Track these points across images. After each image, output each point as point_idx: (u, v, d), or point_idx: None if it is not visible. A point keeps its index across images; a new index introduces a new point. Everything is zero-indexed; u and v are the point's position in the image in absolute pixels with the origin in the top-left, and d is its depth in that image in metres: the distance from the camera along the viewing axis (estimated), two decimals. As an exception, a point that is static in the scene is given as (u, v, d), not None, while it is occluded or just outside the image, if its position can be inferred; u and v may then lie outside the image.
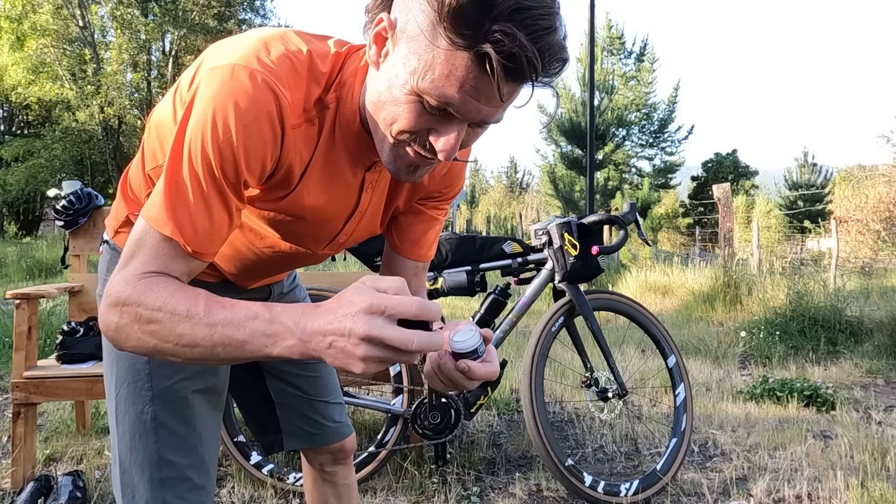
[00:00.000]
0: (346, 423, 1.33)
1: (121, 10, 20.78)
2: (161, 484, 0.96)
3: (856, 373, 4.15)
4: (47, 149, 19.95)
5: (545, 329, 2.31)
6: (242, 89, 0.76)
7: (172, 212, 0.77)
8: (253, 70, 0.77)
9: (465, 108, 0.74)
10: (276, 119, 0.79)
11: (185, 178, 0.77)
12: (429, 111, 0.75)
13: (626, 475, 2.50)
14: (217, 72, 0.78)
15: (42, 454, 2.57)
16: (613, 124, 25.63)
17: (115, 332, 0.76)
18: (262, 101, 0.77)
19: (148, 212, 0.79)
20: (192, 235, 0.78)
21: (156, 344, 0.74)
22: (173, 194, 0.78)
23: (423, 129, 0.77)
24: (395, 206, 1.04)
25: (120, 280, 0.76)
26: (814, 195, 25.94)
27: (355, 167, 0.92)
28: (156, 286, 0.75)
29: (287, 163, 0.85)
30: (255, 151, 0.79)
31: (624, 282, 8.44)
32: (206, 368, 1.04)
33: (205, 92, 0.77)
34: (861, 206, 13.54)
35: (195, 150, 0.77)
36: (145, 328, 0.74)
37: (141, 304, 0.74)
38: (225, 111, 0.76)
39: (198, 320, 0.72)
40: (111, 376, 1.00)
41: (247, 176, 0.80)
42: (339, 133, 0.87)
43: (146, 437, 0.97)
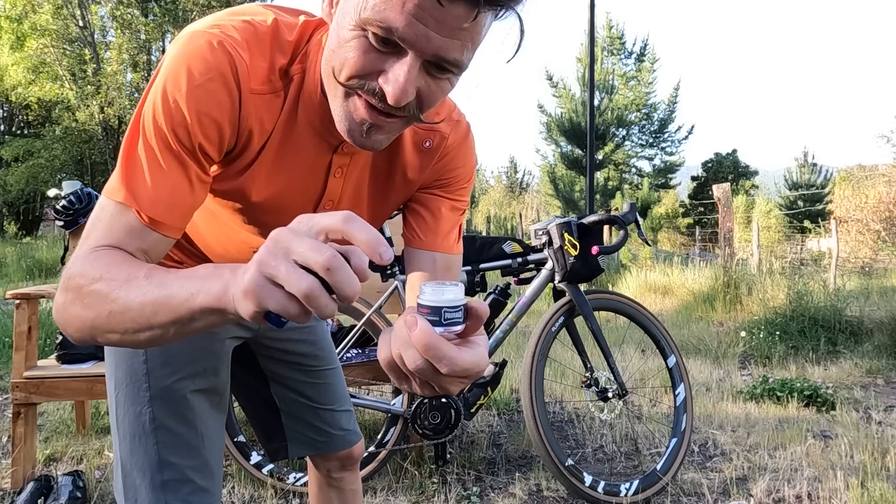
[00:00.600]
0: (353, 431, 1.30)
1: (121, 10, 20.78)
2: (163, 486, 0.94)
3: (856, 373, 4.15)
4: (47, 149, 19.95)
5: (545, 329, 2.31)
6: (196, 52, 0.73)
7: (126, 180, 0.73)
8: (209, 34, 0.74)
9: (412, 35, 0.65)
10: (231, 80, 0.75)
11: (139, 150, 0.74)
12: (375, 47, 0.68)
13: (626, 475, 2.50)
14: (176, 42, 0.75)
15: (42, 454, 2.57)
16: (613, 124, 25.63)
17: (60, 313, 0.70)
18: (215, 63, 0.73)
19: (106, 187, 0.75)
20: (149, 203, 0.73)
21: (93, 318, 0.67)
22: (128, 165, 0.74)
23: (372, 72, 0.69)
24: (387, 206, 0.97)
25: (72, 260, 0.71)
26: (814, 195, 25.95)
27: (319, 147, 0.85)
28: (103, 257, 0.70)
29: (247, 130, 0.80)
30: (208, 113, 0.74)
31: (624, 282, 8.44)
32: (205, 368, 1.02)
33: (163, 63, 0.75)
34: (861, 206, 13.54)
35: (148, 120, 0.74)
36: (84, 301, 0.67)
37: (83, 276, 0.68)
38: (177, 75, 0.73)
39: (135, 283, 0.65)
40: (111, 377, 0.99)
41: (202, 140, 0.75)
42: (303, 107, 0.82)
43: (146, 438, 0.95)
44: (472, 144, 0.99)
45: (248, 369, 1.24)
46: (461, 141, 0.96)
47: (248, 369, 1.24)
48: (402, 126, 0.77)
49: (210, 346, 1.04)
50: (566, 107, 25.67)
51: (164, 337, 0.66)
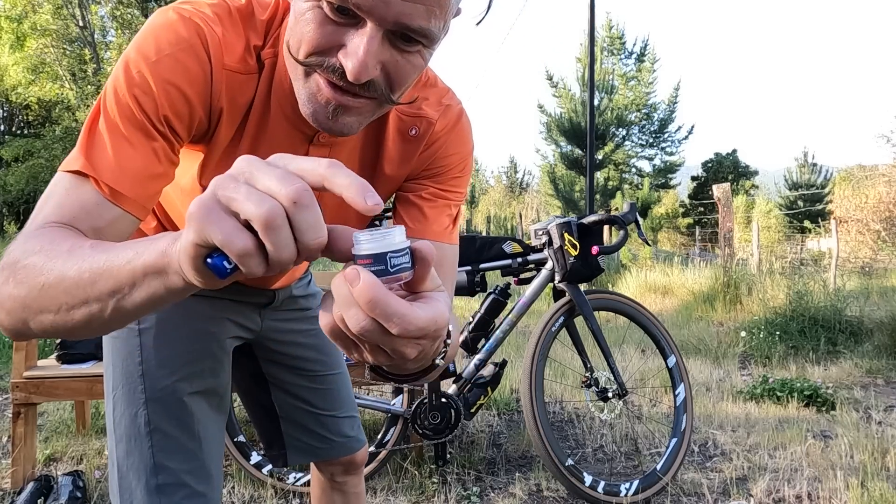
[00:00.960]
0: (356, 437, 1.26)
1: (121, 10, 20.79)
2: (157, 490, 0.93)
3: (856, 373, 4.15)
4: (47, 149, 19.94)
5: (545, 329, 2.31)
6: (164, 24, 0.70)
7: (86, 151, 0.67)
8: (178, 9, 0.71)
9: (368, 0, 0.59)
10: (201, 51, 0.70)
11: (101, 125, 0.68)
12: (332, 18, 0.62)
13: (626, 475, 2.50)
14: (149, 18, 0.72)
15: (42, 454, 2.57)
16: (613, 124, 25.64)
17: None
18: (185, 34, 0.70)
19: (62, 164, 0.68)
20: (109, 172, 0.66)
21: (24, 296, 0.57)
22: (88, 138, 0.68)
23: (332, 46, 0.64)
24: None
25: (14, 240, 0.62)
26: (814, 195, 25.95)
27: (294, 138, 0.80)
28: (47, 232, 0.61)
29: (219, 108, 0.74)
30: (176, 83, 0.69)
31: (624, 282, 8.44)
32: (203, 369, 1.00)
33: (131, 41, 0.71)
34: (861, 206, 13.55)
35: (110, 94, 0.69)
36: (17, 278, 0.57)
37: (19, 249, 0.59)
38: (143, 46, 0.69)
39: (77, 251, 0.56)
40: (107, 378, 0.98)
41: (168, 113, 0.69)
42: (275, 95, 0.77)
43: (141, 441, 0.94)
44: (466, 130, 0.91)
45: (248, 373, 1.22)
46: (451, 127, 0.88)
47: (249, 373, 1.22)
48: (374, 108, 0.69)
49: (208, 347, 1.03)
50: (566, 107, 25.67)
51: (101, 314, 0.55)
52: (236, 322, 1.09)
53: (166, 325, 0.98)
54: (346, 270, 0.46)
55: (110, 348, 0.98)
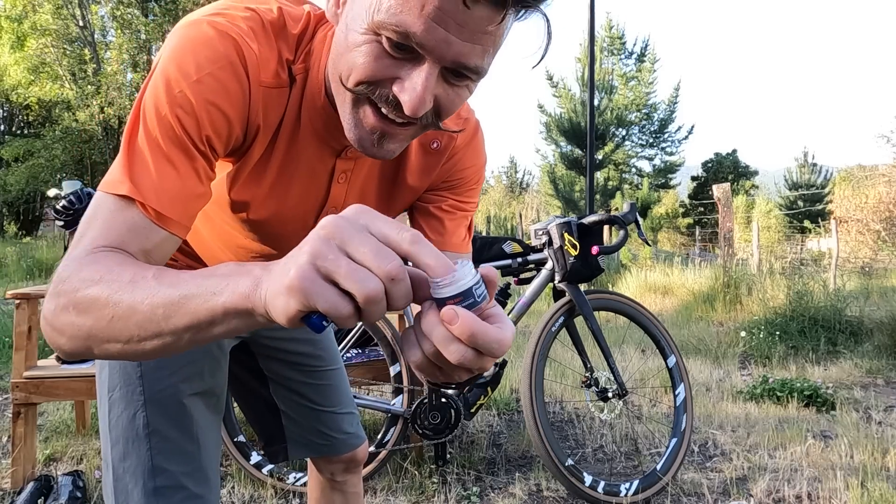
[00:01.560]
0: (356, 434, 1.27)
1: (121, 10, 20.78)
2: (155, 493, 0.92)
3: (856, 373, 4.15)
4: (47, 149, 19.95)
5: (545, 329, 2.31)
6: (201, 39, 0.68)
7: (129, 172, 0.66)
8: (214, 22, 0.70)
9: (432, 40, 0.60)
10: (240, 69, 0.70)
11: (141, 141, 0.68)
12: (390, 53, 0.63)
13: (626, 475, 2.50)
14: (177, 30, 0.70)
15: (42, 454, 2.57)
16: (613, 124, 25.64)
17: (50, 324, 0.61)
18: (223, 50, 0.68)
19: (103, 182, 0.68)
20: (154, 195, 0.66)
21: (90, 326, 0.58)
22: (130, 157, 0.67)
23: (385, 78, 0.65)
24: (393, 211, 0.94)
25: (64, 263, 0.63)
26: (814, 195, 25.95)
27: (323, 152, 0.81)
28: (101, 258, 0.62)
29: (255, 125, 0.75)
30: (217, 103, 0.69)
31: (624, 282, 8.44)
32: (202, 369, 0.99)
33: (163, 52, 0.70)
34: (861, 206, 13.55)
35: (150, 109, 0.68)
36: (79, 307, 0.59)
37: (77, 278, 0.60)
38: (182, 63, 0.67)
39: (142, 285, 0.57)
40: (103, 379, 0.96)
41: (210, 132, 0.70)
42: (306, 110, 0.77)
43: (139, 443, 0.92)
44: (482, 142, 0.94)
45: (247, 369, 1.22)
46: (470, 140, 0.92)
47: (248, 369, 1.22)
48: (416, 133, 0.72)
49: (208, 348, 1.02)
50: (566, 107, 25.67)
51: (175, 345, 0.57)
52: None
53: None
54: (442, 312, 0.51)
55: None
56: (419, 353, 0.54)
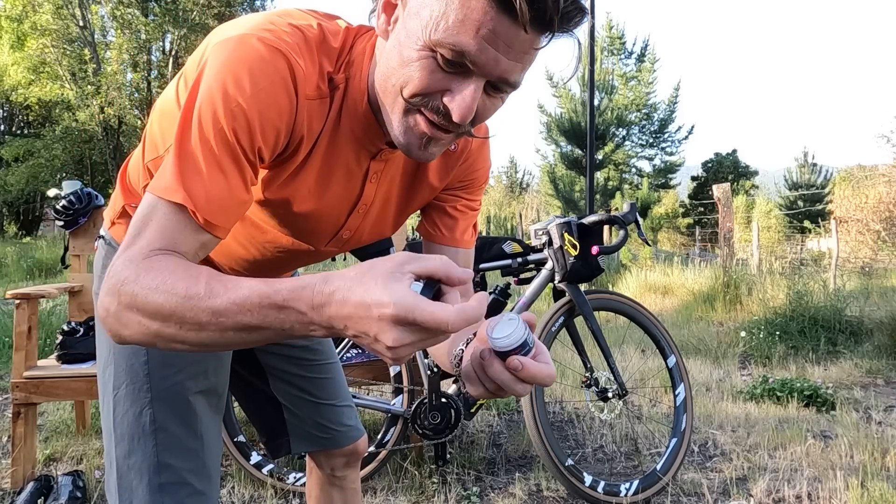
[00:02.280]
0: (355, 427, 1.29)
1: (121, 10, 20.77)
2: (160, 489, 0.93)
3: (856, 373, 4.15)
4: (47, 149, 19.95)
5: (545, 329, 2.31)
6: (255, 55, 0.73)
7: (182, 179, 0.71)
8: (264, 38, 0.74)
9: (483, 58, 0.68)
10: (290, 85, 0.75)
11: (195, 147, 0.72)
12: (443, 68, 0.70)
13: (626, 475, 2.50)
14: (226, 44, 0.75)
15: (42, 454, 2.57)
16: (613, 124, 25.63)
17: (115, 318, 0.69)
18: (277, 66, 0.74)
19: (155, 184, 0.73)
20: (205, 203, 0.72)
21: (158, 329, 0.67)
22: (183, 163, 0.72)
23: (437, 91, 0.72)
24: (411, 208, 1.00)
25: (123, 261, 0.69)
26: (814, 195, 25.95)
27: (359, 154, 0.87)
28: (157, 264, 0.68)
29: (299, 136, 0.80)
30: (270, 118, 0.75)
31: (624, 282, 8.44)
32: (207, 368, 1.01)
33: (214, 63, 0.74)
34: (861, 206, 13.54)
35: (206, 118, 0.72)
36: (144, 310, 0.67)
37: (139, 284, 0.67)
38: (238, 76, 0.72)
39: (199, 303, 0.64)
40: (107, 377, 0.97)
41: (261, 144, 0.75)
42: (346, 115, 0.83)
43: (145, 440, 0.94)
44: (489, 145, 1.02)
45: (246, 365, 1.23)
46: (482, 143, 1.00)
47: (247, 365, 1.23)
48: (455, 138, 0.79)
49: None
50: (566, 107, 25.67)
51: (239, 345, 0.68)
52: None
53: None
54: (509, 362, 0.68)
55: (111, 348, 0.98)
56: (482, 389, 0.72)
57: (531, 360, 0.68)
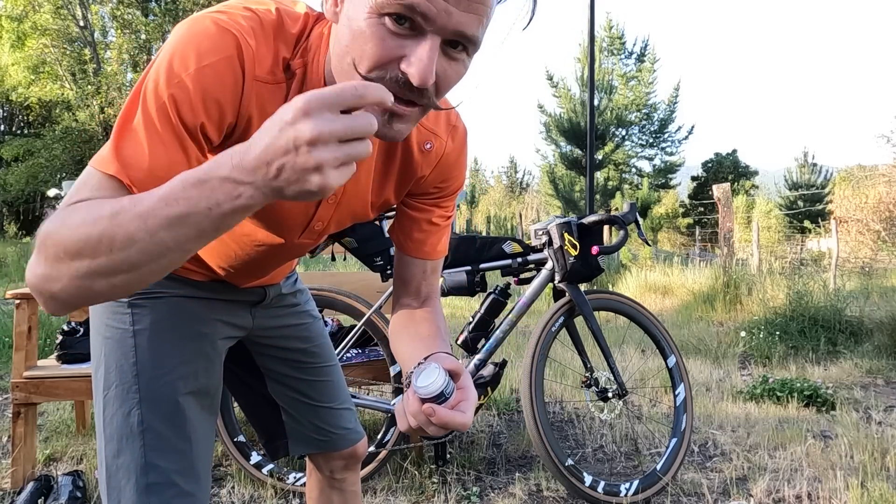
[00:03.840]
0: (355, 430, 1.28)
1: (121, 9, 20.79)
2: (147, 489, 0.93)
3: (856, 373, 4.15)
4: (47, 149, 19.96)
5: (545, 329, 2.31)
6: (203, 33, 0.73)
7: (118, 152, 0.69)
8: (216, 19, 0.74)
9: (433, 10, 0.65)
10: (236, 63, 0.74)
11: (137, 122, 0.71)
12: (393, 31, 0.67)
13: (626, 475, 2.50)
14: (181, 25, 0.75)
15: (42, 454, 2.57)
16: (613, 124, 25.64)
17: (43, 277, 0.65)
18: (222, 45, 0.73)
19: (94, 158, 0.71)
20: (141, 177, 0.69)
21: (89, 266, 0.63)
22: (122, 137, 0.70)
23: (393, 59, 0.68)
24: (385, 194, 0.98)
25: (46, 222, 0.66)
26: (814, 195, 25.95)
27: None
28: (81, 207, 0.66)
29: (248, 115, 0.78)
30: (212, 93, 0.73)
31: (624, 282, 8.44)
32: (197, 369, 1.01)
33: (167, 44, 0.74)
34: (861, 206, 13.55)
35: (149, 93, 0.71)
36: (72, 250, 0.63)
37: (64, 226, 0.64)
38: (184, 53, 0.72)
39: (126, 214, 0.61)
40: (99, 378, 0.98)
41: (204, 119, 0.74)
42: None
43: (133, 440, 0.94)
44: (467, 151, 1.01)
45: (244, 367, 1.23)
46: (460, 148, 0.98)
47: (245, 367, 1.23)
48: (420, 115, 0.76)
49: (201, 348, 1.04)
50: (566, 107, 25.67)
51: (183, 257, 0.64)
52: (228, 322, 1.11)
53: (160, 326, 1.00)
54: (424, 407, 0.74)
55: (102, 349, 0.98)
56: (407, 424, 0.78)
57: (444, 409, 0.73)
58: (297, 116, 0.56)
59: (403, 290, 1.04)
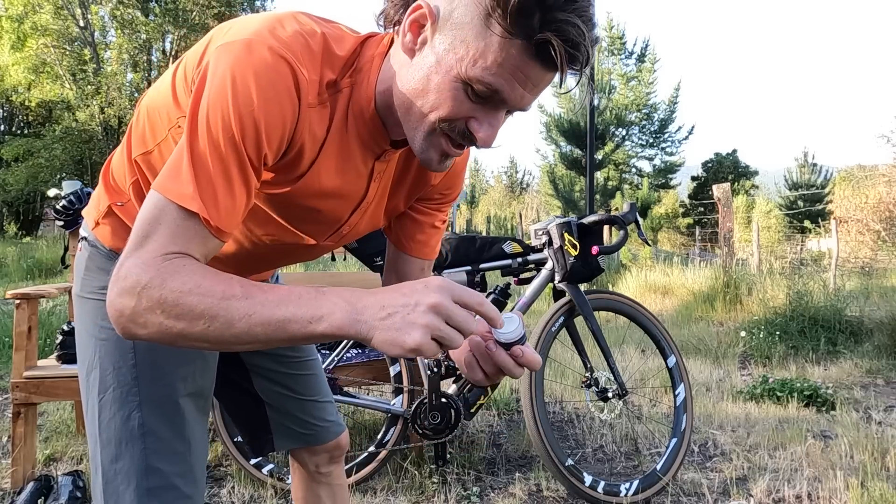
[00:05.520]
0: (337, 422, 1.30)
1: (121, 10, 20.78)
2: (148, 493, 0.92)
3: (856, 373, 4.15)
4: (47, 149, 19.94)
5: (545, 329, 2.31)
6: (262, 62, 0.75)
7: (196, 185, 0.73)
8: (271, 45, 0.76)
9: (513, 96, 0.76)
10: (294, 94, 0.77)
11: (205, 151, 0.74)
12: (471, 99, 0.76)
13: (626, 475, 2.50)
14: (232, 46, 0.76)
15: (42, 454, 2.57)
16: (613, 124, 25.63)
17: (130, 319, 0.70)
18: (283, 75, 0.76)
19: (165, 185, 0.73)
20: (216, 212, 0.74)
21: (182, 328, 0.69)
22: (194, 167, 0.73)
23: (464, 117, 0.78)
24: (396, 201, 1.03)
25: (136, 263, 0.71)
26: (814, 195, 25.93)
27: (366, 155, 0.91)
28: (182, 269, 0.71)
29: (300, 142, 0.82)
30: (276, 125, 0.77)
31: (624, 282, 8.44)
32: (195, 371, 1.00)
33: (220, 66, 0.75)
34: (861, 206, 13.55)
35: (215, 124, 0.74)
36: (171, 312, 0.69)
37: (166, 288, 0.69)
38: (246, 84, 0.74)
39: (235, 302, 0.69)
40: (92, 381, 0.96)
41: (267, 150, 0.77)
42: (352, 119, 0.86)
43: (133, 444, 0.93)
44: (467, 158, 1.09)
45: (230, 365, 1.23)
46: (465, 159, 1.07)
47: (231, 365, 1.23)
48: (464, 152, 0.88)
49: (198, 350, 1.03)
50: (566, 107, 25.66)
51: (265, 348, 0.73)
52: None
53: None
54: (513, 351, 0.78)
55: (97, 351, 0.96)
56: (481, 374, 0.83)
57: (529, 348, 0.79)
58: (430, 287, 0.68)
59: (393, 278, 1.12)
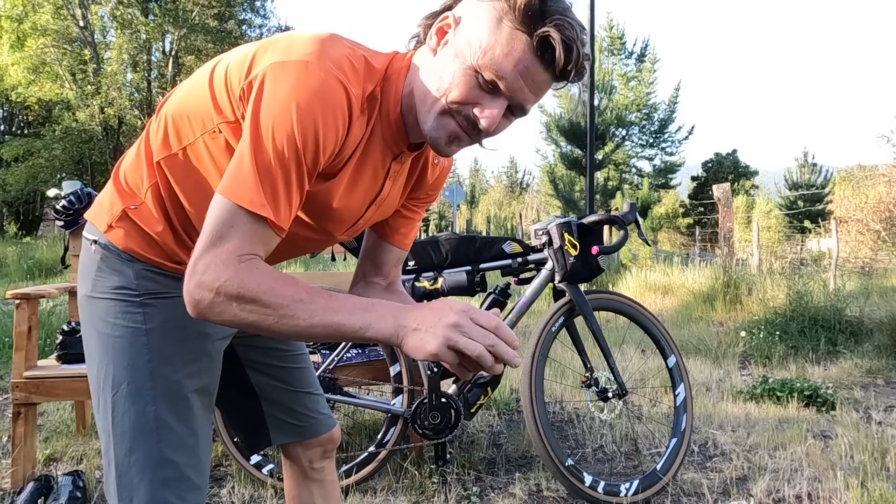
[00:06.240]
0: (329, 415, 1.33)
1: (121, 10, 20.78)
2: (162, 484, 0.96)
3: (856, 373, 4.15)
4: (47, 149, 19.96)
5: (545, 329, 2.31)
6: (319, 83, 0.85)
7: (266, 193, 0.83)
8: (326, 67, 0.86)
9: (514, 86, 0.88)
10: (346, 110, 0.89)
11: (270, 161, 0.83)
12: (480, 85, 0.88)
13: (626, 475, 2.50)
14: (291, 67, 0.86)
15: (42, 454, 2.57)
16: (613, 124, 25.63)
17: (208, 307, 0.81)
18: (337, 95, 0.87)
19: (234, 192, 0.83)
20: (279, 215, 0.85)
21: (255, 320, 0.81)
22: (261, 176, 0.83)
23: (471, 103, 0.90)
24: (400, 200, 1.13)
25: (213, 261, 0.81)
26: (814, 195, 25.94)
27: (385, 155, 1.01)
28: (256, 270, 0.82)
29: (346, 148, 0.93)
30: (331, 138, 0.88)
31: (624, 282, 8.44)
32: (201, 367, 1.04)
33: (280, 84, 0.85)
34: (861, 206, 13.54)
35: (280, 136, 0.83)
36: (246, 307, 0.81)
37: (244, 286, 0.80)
38: (308, 103, 0.84)
39: (303, 304, 0.81)
40: (105, 378, 0.99)
41: (322, 160, 0.88)
42: (379, 122, 0.97)
43: (147, 436, 0.97)
44: None
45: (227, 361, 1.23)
46: (450, 164, 1.21)
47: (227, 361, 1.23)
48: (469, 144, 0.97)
49: (205, 346, 1.07)
50: (566, 107, 25.66)
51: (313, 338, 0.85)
52: None
53: (170, 325, 1.02)
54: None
55: (110, 348, 0.99)
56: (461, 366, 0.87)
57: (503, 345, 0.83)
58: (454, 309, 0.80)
59: (375, 271, 1.21)
